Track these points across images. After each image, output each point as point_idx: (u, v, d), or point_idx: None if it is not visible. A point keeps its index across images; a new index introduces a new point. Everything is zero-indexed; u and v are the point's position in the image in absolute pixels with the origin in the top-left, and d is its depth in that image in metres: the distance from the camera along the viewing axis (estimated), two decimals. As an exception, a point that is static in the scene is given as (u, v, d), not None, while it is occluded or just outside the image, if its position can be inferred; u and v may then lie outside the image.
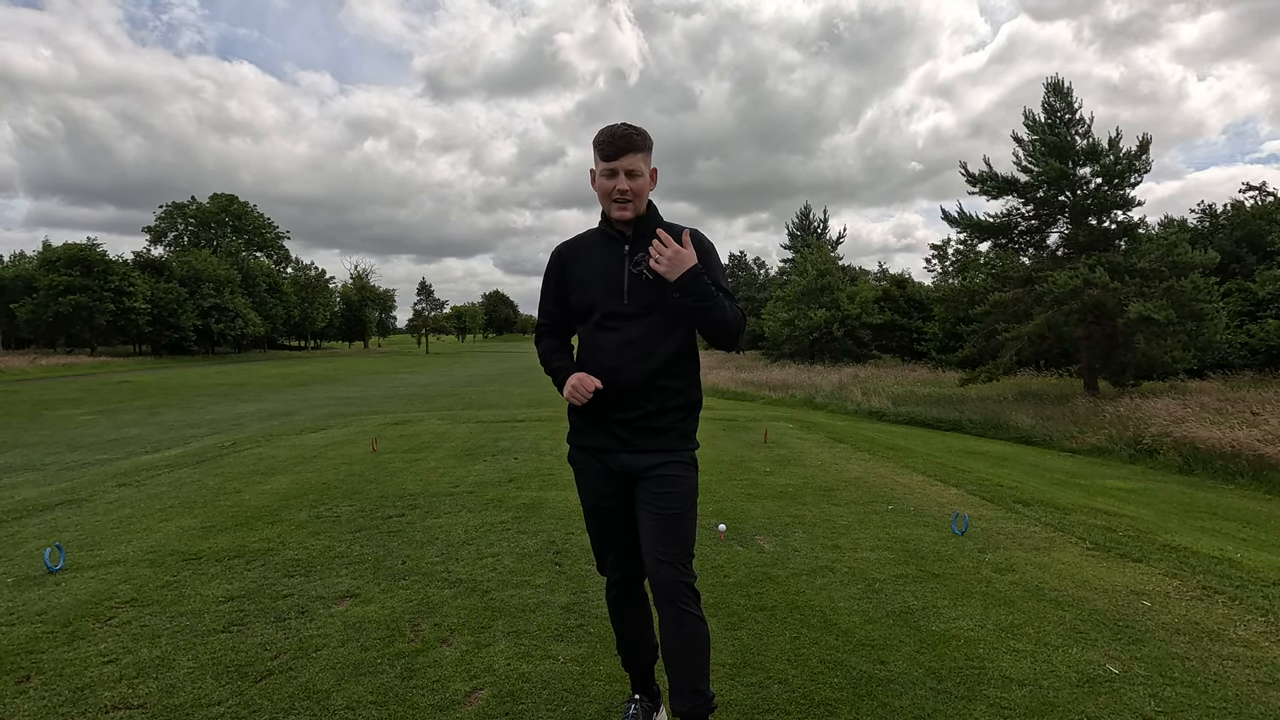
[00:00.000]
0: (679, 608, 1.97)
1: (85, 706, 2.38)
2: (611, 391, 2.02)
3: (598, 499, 2.14)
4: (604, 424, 2.07)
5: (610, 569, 2.21)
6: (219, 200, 68.29)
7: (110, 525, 4.72)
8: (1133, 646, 2.80)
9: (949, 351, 27.89)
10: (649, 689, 2.29)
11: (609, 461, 2.09)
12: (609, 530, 2.16)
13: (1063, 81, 21.36)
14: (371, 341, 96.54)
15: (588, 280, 2.08)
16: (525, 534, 4.40)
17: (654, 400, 2.04)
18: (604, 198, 2.04)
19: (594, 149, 2.04)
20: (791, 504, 5.18)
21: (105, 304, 44.86)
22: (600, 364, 2.04)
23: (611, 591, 2.23)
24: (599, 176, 2.04)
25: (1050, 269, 19.74)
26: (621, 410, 2.04)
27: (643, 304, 2.03)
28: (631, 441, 2.05)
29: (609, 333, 2.05)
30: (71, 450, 10.71)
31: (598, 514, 2.16)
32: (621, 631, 2.26)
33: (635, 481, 2.08)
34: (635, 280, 2.03)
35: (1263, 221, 29.91)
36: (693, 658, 1.97)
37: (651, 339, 2.03)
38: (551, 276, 2.16)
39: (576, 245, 2.16)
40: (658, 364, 2.03)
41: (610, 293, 2.04)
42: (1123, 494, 7.93)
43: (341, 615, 3.12)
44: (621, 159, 1.98)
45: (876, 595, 3.35)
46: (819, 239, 47.36)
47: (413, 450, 7.84)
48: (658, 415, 2.05)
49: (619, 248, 2.06)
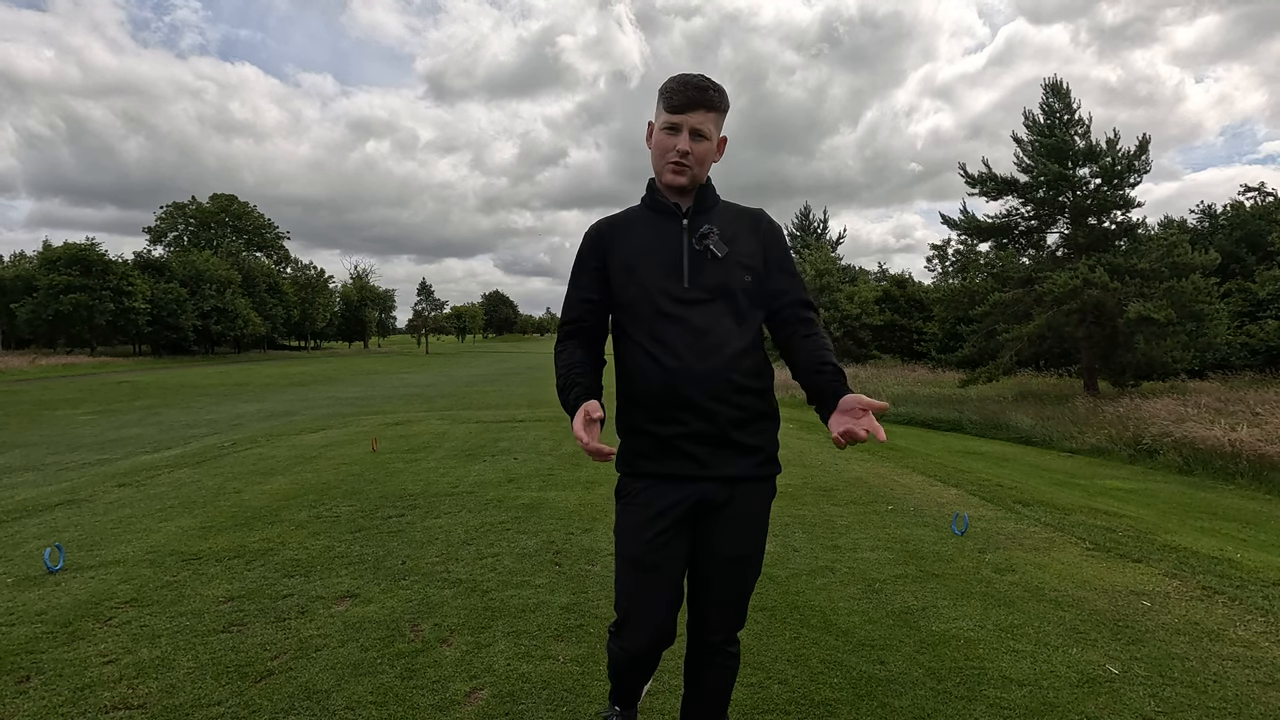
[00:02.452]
0: (726, 651, 1.76)
1: (85, 707, 2.38)
2: (677, 396, 1.61)
3: (652, 545, 1.63)
4: (671, 443, 1.63)
5: (630, 637, 1.70)
6: (219, 200, 68.31)
7: (110, 525, 4.72)
8: (1133, 646, 2.80)
9: (949, 352, 27.90)
10: (633, 703, 2.03)
11: (673, 496, 1.63)
12: (659, 588, 1.65)
13: (1061, 82, 21.39)
14: (371, 342, 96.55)
15: (637, 261, 1.68)
16: (525, 534, 4.40)
17: (734, 405, 1.63)
18: (659, 156, 1.68)
19: (659, 98, 1.68)
20: (791, 504, 5.18)
21: (105, 304, 44.85)
22: (661, 363, 1.62)
23: (622, 656, 1.76)
24: (658, 130, 1.68)
25: (1050, 269, 19.76)
26: (696, 419, 1.61)
27: (708, 287, 1.65)
28: (711, 464, 1.62)
29: (669, 323, 1.63)
30: (71, 450, 10.71)
31: (648, 566, 1.64)
32: (627, 682, 1.90)
33: (702, 517, 1.67)
34: (697, 258, 1.66)
35: (1262, 222, 29.92)
36: (725, 698, 1.81)
37: (723, 329, 1.64)
38: (589, 257, 1.73)
39: (619, 222, 1.76)
40: (734, 359, 1.64)
41: (669, 274, 1.65)
42: (1123, 494, 7.93)
43: (341, 615, 3.12)
44: (691, 113, 1.63)
45: (876, 595, 3.35)
46: (819, 239, 47.38)
47: (413, 450, 7.83)
48: (741, 425, 1.64)
49: (675, 222, 1.70)
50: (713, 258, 1.66)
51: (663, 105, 1.67)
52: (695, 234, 1.68)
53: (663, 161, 1.68)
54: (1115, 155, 19.94)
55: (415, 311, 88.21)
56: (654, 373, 1.63)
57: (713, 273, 1.66)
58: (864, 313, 36.20)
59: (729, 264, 1.67)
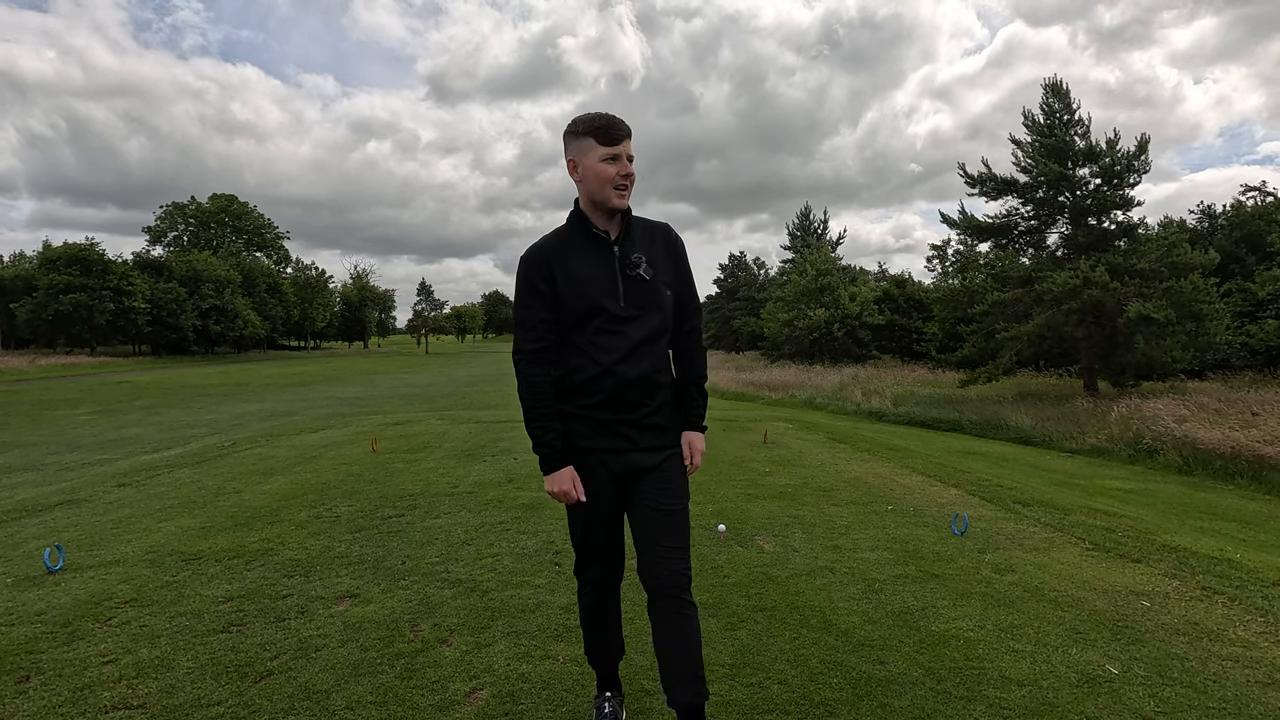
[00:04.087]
0: (682, 599, 2.02)
1: (85, 707, 2.38)
2: (616, 393, 2.01)
3: (598, 503, 2.08)
4: (608, 425, 2.04)
5: (594, 570, 2.20)
6: (219, 200, 68.30)
7: (110, 525, 4.72)
8: (1132, 647, 2.80)
9: (949, 352, 27.90)
10: (618, 685, 2.35)
11: (613, 464, 2.05)
12: (605, 533, 2.14)
13: (1061, 82, 21.38)
14: (371, 342, 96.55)
15: (579, 284, 1.99)
16: (525, 534, 4.40)
17: (655, 398, 2.06)
18: (602, 185, 1.97)
19: (579, 137, 1.98)
20: (791, 504, 5.18)
21: (105, 304, 44.85)
22: (603, 366, 1.99)
23: (590, 594, 2.23)
24: (596, 163, 1.95)
25: (1050, 269, 19.76)
26: (628, 410, 2.03)
27: (638, 305, 2.02)
28: (639, 440, 2.05)
29: (610, 335, 2.00)
30: (71, 450, 10.71)
31: (596, 518, 2.10)
32: (598, 633, 2.27)
33: (633, 480, 2.07)
34: (630, 282, 2.01)
35: (1262, 222, 29.92)
36: (692, 645, 2.02)
37: (649, 339, 2.03)
38: (538, 280, 2.01)
39: (556, 245, 2.04)
40: (656, 363, 2.06)
41: (607, 295, 2.00)
42: (1122, 494, 7.93)
43: (341, 615, 3.12)
44: (623, 144, 1.96)
45: (876, 595, 3.35)
46: (819, 239, 47.38)
47: (412, 450, 7.84)
48: (658, 412, 2.08)
49: (607, 249, 2.02)
50: (641, 280, 2.03)
51: (594, 140, 1.96)
52: (626, 262, 2.02)
53: (608, 188, 1.97)
54: (1115, 155, 19.93)
55: (415, 311, 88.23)
56: (595, 374, 2.00)
57: (642, 293, 2.03)
58: (864, 312, 36.19)
59: (655, 284, 2.04)
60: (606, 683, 2.32)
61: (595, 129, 1.95)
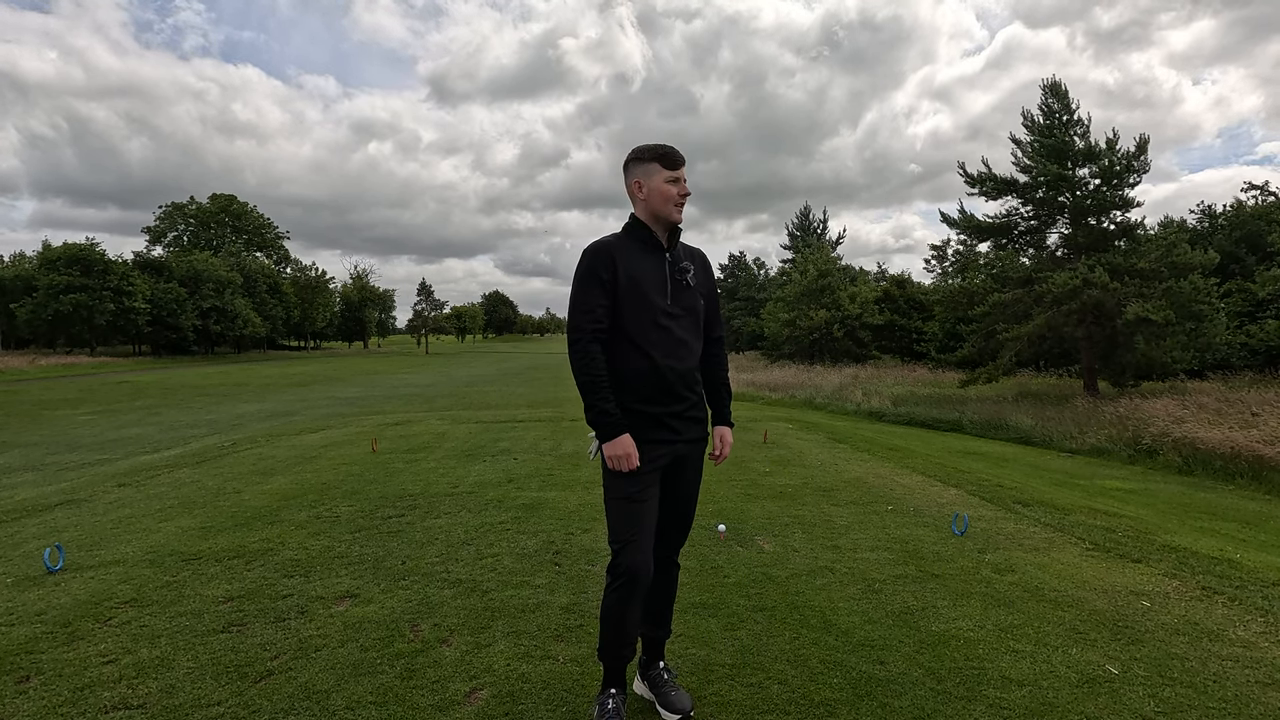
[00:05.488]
0: (670, 560, 2.44)
1: (85, 707, 2.38)
2: (666, 385, 2.22)
3: (645, 491, 2.22)
4: (657, 419, 2.24)
5: (634, 556, 2.21)
6: (218, 200, 68.24)
7: (110, 525, 4.72)
8: (1132, 647, 2.80)
9: (949, 352, 27.88)
10: (624, 684, 2.35)
11: (661, 455, 2.24)
12: (648, 518, 2.24)
13: (1060, 83, 21.37)
14: (371, 342, 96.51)
15: (636, 280, 2.22)
16: (525, 534, 4.40)
17: (695, 392, 2.33)
18: (665, 202, 2.25)
19: (645, 162, 2.26)
20: (791, 504, 5.18)
21: (105, 304, 44.81)
22: (656, 357, 2.21)
23: (622, 589, 2.21)
24: (661, 184, 2.25)
25: (1050, 269, 19.76)
26: (675, 402, 2.26)
27: (684, 306, 2.29)
28: (684, 432, 2.29)
29: (662, 330, 2.23)
30: (71, 450, 10.71)
31: (642, 504, 2.22)
32: (620, 630, 2.26)
33: (676, 469, 2.31)
34: (678, 285, 2.29)
35: (1262, 222, 29.89)
36: (670, 599, 2.47)
37: (692, 338, 2.31)
38: (601, 270, 2.20)
39: (617, 244, 2.27)
40: (696, 360, 2.34)
41: (658, 292, 2.25)
42: (1122, 494, 7.93)
43: (341, 615, 3.12)
44: (682, 168, 2.28)
45: (876, 595, 3.35)
46: (819, 240, 47.35)
47: (412, 451, 7.84)
48: (697, 405, 2.34)
49: (660, 255, 2.29)
50: (686, 285, 2.31)
51: (659, 165, 2.26)
52: (676, 267, 2.30)
53: (669, 205, 2.26)
54: (1114, 155, 19.92)
55: (415, 311, 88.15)
56: (648, 366, 2.22)
57: (687, 297, 2.31)
58: (864, 312, 36.17)
59: (695, 291, 2.34)
60: (613, 680, 2.33)
61: (660, 155, 2.26)
